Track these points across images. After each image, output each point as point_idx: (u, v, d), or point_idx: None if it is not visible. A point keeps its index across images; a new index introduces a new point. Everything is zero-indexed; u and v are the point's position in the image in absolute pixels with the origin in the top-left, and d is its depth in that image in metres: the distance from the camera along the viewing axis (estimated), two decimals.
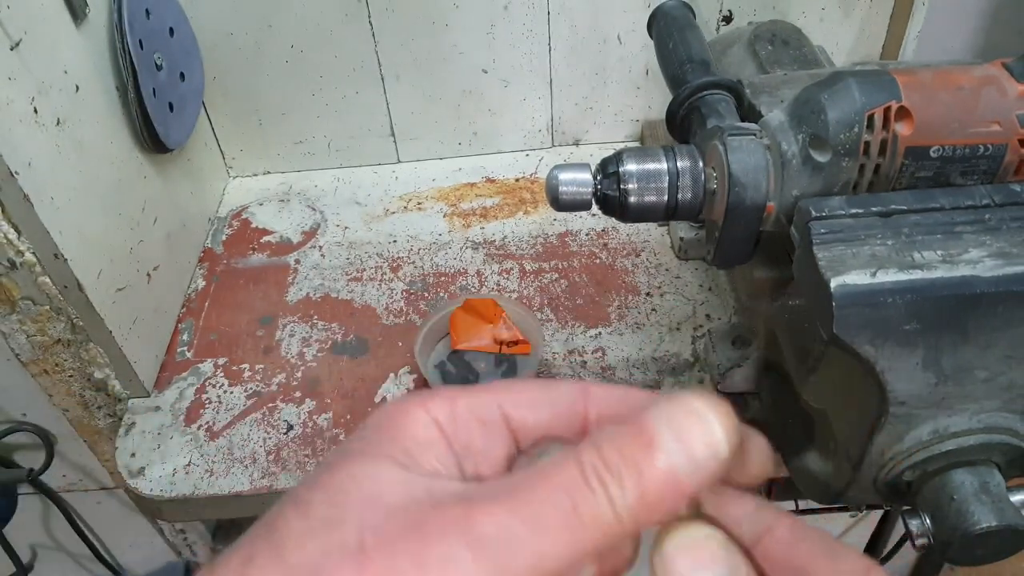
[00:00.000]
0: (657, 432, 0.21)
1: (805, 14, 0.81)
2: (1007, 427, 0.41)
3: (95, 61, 0.62)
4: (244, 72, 0.82)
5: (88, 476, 0.81)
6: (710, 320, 0.70)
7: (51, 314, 0.58)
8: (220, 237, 0.83)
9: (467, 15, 0.79)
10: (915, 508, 0.43)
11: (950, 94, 0.42)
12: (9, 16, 0.52)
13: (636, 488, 0.20)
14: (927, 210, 0.41)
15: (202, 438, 0.63)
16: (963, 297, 0.38)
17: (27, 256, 0.54)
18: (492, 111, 0.87)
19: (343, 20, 0.78)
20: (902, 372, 0.39)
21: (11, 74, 0.52)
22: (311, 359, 0.69)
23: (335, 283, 0.77)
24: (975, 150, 0.42)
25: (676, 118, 0.54)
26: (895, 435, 0.41)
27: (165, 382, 0.68)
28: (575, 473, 0.21)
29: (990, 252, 0.38)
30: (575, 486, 0.20)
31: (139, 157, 0.68)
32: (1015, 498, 0.41)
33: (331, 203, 0.86)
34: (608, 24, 0.81)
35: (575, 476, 0.21)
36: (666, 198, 0.47)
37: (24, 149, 0.52)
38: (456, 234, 0.81)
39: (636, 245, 0.77)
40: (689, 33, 0.58)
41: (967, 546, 0.40)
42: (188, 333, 0.72)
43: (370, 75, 0.83)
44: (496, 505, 0.20)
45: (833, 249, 0.40)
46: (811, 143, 0.43)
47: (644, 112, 0.88)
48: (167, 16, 0.72)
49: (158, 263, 0.70)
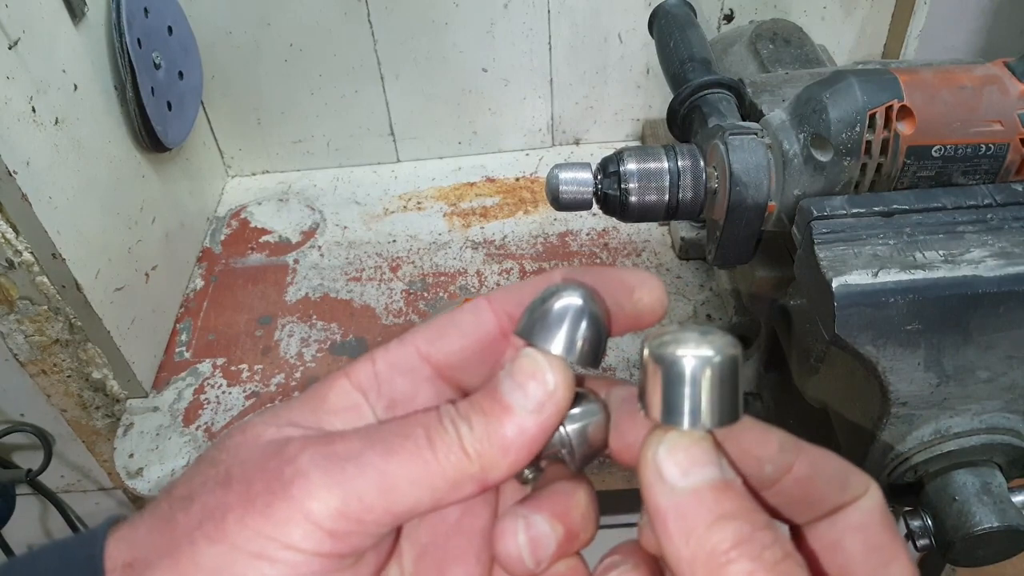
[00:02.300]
0: (501, 383, 0.23)
1: (807, 13, 0.81)
2: (1009, 428, 0.41)
3: (93, 60, 0.62)
4: (243, 71, 0.82)
5: (86, 477, 0.81)
6: (711, 320, 0.69)
7: (49, 314, 0.58)
8: (219, 237, 0.83)
9: (467, 14, 0.79)
10: (917, 509, 0.43)
11: (952, 93, 0.42)
12: (7, 15, 0.51)
13: (483, 426, 0.22)
14: (929, 210, 0.41)
15: (201, 438, 0.63)
16: (965, 297, 0.37)
17: (25, 256, 0.54)
18: (492, 110, 0.87)
19: (342, 19, 0.78)
20: (904, 372, 0.39)
21: (9, 73, 0.51)
22: (310, 359, 0.69)
23: (334, 283, 0.76)
24: (977, 149, 0.42)
25: (677, 117, 0.53)
26: (897, 435, 0.41)
27: (163, 382, 0.68)
28: (432, 415, 0.23)
29: (992, 252, 0.38)
30: (430, 422, 0.23)
31: (137, 156, 0.68)
32: (1017, 499, 0.41)
33: (330, 203, 0.86)
34: (609, 23, 0.81)
35: (432, 416, 0.23)
36: (667, 197, 0.47)
37: (22, 148, 0.52)
38: (456, 234, 0.81)
39: (637, 245, 0.77)
40: (690, 32, 0.58)
41: (969, 547, 0.40)
42: (186, 333, 0.72)
43: (369, 74, 0.83)
44: (355, 435, 0.23)
45: (835, 249, 0.39)
46: (813, 142, 0.43)
47: (645, 111, 0.88)
48: (165, 15, 0.72)
49: (156, 263, 0.70)
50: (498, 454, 0.22)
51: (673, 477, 0.20)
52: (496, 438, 0.22)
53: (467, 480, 0.22)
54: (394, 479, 0.22)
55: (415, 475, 0.22)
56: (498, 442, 0.22)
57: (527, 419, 0.22)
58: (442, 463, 0.22)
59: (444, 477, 0.22)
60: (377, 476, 0.21)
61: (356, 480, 0.21)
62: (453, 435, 0.22)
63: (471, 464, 0.22)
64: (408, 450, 0.22)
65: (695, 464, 0.20)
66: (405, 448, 0.22)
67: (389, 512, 0.22)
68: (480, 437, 0.22)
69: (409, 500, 0.22)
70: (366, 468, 0.21)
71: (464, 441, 0.22)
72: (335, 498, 0.21)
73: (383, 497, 0.21)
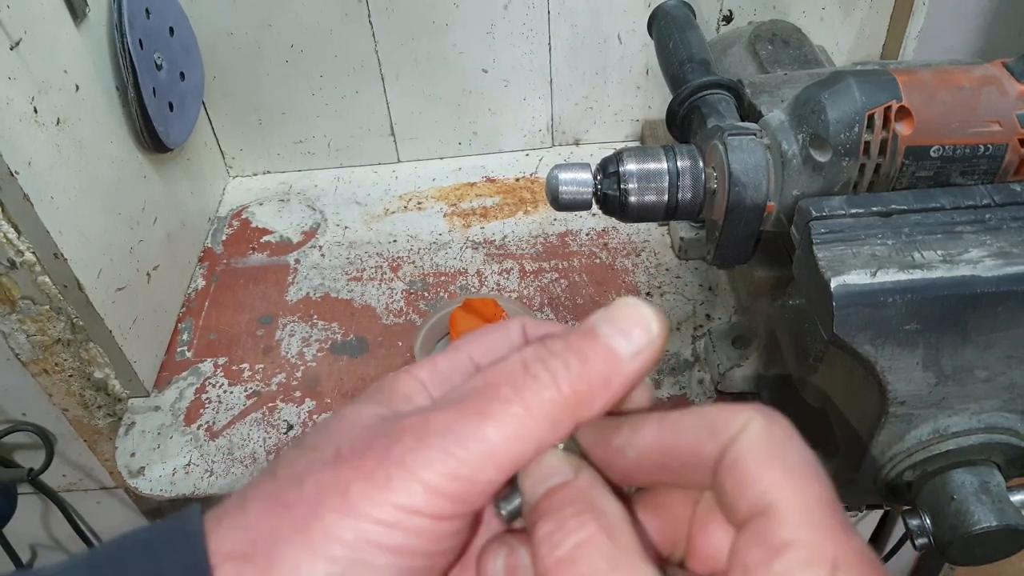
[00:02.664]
0: (596, 324, 0.24)
1: (805, 14, 0.81)
2: (1007, 427, 0.41)
3: (95, 61, 0.62)
4: (244, 71, 0.82)
5: (88, 476, 0.81)
6: (710, 320, 0.70)
7: (51, 314, 0.58)
8: (220, 237, 0.83)
9: (467, 15, 0.79)
10: (915, 508, 0.43)
11: (950, 94, 0.42)
12: (9, 15, 0.51)
13: (579, 365, 0.23)
14: (927, 210, 0.41)
15: (202, 438, 0.63)
16: (963, 297, 0.38)
17: (27, 256, 0.54)
18: (492, 111, 0.87)
19: (343, 20, 0.78)
20: (902, 372, 0.39)
21: (11, 74, 0.52)
22: (311, 359, 0.69)
23: (335, 283, 0.77)
24: (975, 150, 0.42)
25: (676, 118, 0.54)
26: (895, 435, 0.41)
27: (165, 382, 0.68)
28: (517, 367, 0.24)
29: (990, 252, 0.38)
30: (515, 377, 0.23)
31: (139, 157, 0.68)
32: (1015, 498, 0.41)
33: (331, 203, 0.86)
34: (608, 24, 0.81)
35: (516, 368, 0.24)
36: (666, 198, 0.47)
37: (24, 148, 0.52)
38: (456, 234, 0.81)
39: (636, 245, 0.77)
40: (689, 33, 0.58)
41: (967, 546, 0.40)
42: (188, 333, 0.72)
43: (370, 74, 0.83)
44: (448, 406, 0.24)
45: (833, 249, 0.40)
46: (811, 143, 0.43)
47: (644, 112, 0.88)
48: (167, 15, 0.72)
49: (158, 263, 0.70)
50: (598, 391, 0.23)
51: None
52: (596, 377, 0.23)
53: (566, 418, 0.23)
54: (494, 443, 0.23)
55: (512, 432, 0.23)
56: (599, 381, 0.23)
57: (628, 364, 0.23)
58: (535, 413, 0.23)
59: (541, 424, 0.23)
60: (477, 443, 0.22)
61: (460, 452, 0.22)
62: (546, 379, 0.23)
63: (568, 403, 0.23)
64: (499, 411, 0.23)
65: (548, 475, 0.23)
66: (495, 410, 0.23)
67: (498, 469, 0.23)
68: (578, 376, 0.23)
69: (513, 455, 0.23)
70: (467, 440, 0.22)
71: (560, 381, 0.23)
72: (447, 467, 0.22)
73: (488, 459, 0.23)
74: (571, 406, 0.23)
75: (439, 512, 0.22)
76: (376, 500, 0.22)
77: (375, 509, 0.22)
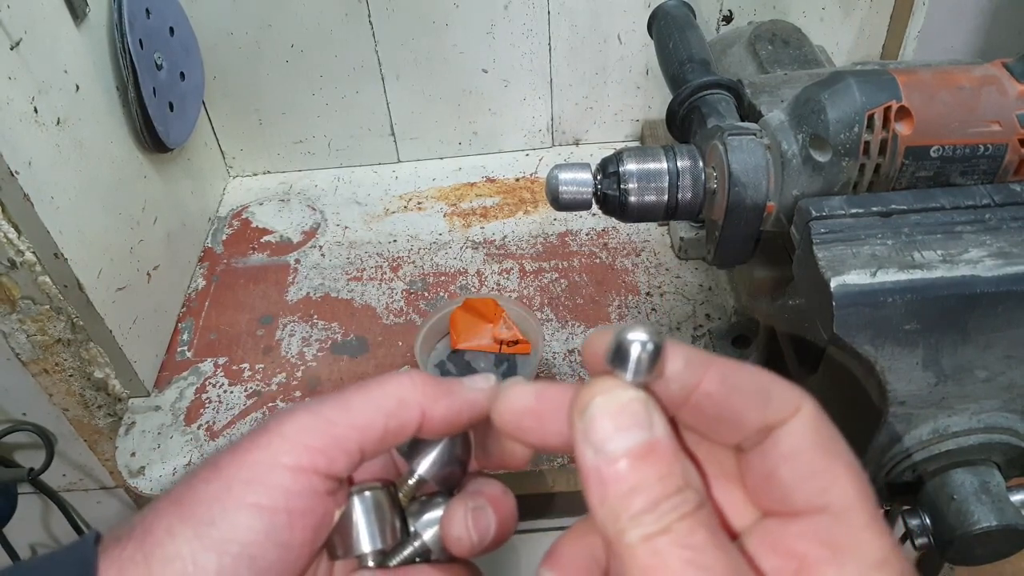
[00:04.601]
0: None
1: (805, 14, 0.81)
2: (1007, 427, 0.41)
3: (95, 61, 0.62)
4: (244, 71, 0.82)
5: (88, 476, 0.81)
6: (710, 320, 0.70)
7: (51, 313, 0.58)
8: (220, 237, 0.83)
9: (467, 15, 0.79)
10: (915, 508, 0.43)
11: (950, 94, 0.42)
12: (9, 15, 0.51)
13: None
14: (927, 210, 0.41)
15: (202, 438, 0.63)
16: (963, 297, 0.38)
17: (27, 255, 0.54)
18: (492, 111, 0.87)
19: (343, 20, 0.78)
20: (902, 372, 0.39)
21: (11, 73, 0.52)
22: (311, 359, 0.69)
23: (335, 283, 0.77)
24: (975, 150, 0.42)
25: (676, 118, 0.54)
26: (895, 435, 0.41)
27: (165, 382, 0.68)
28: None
29: (990, 252, 0.38)
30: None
31: (139, 157, 0.68)
32: (1015, 498, 0.41)
33: (331, 203, 0.86)
34: (608, 24, 0.81)
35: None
36: (666, 198, 0.47)
37: (24, 148, 0.52)
38: (456, 234, 0.81)
39: (636, 245, 0.77)
40: (689, 33, 0.58)
41: (967, 546, 0.40)
42: (188, 333, 0.72)
43: (370, 75, 0.83)
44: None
45: (833, 249, 0.40)
46: (811, 143, 0.43)
47: (644, 112, 0.88)
48: (167, 15, 0.72)
49: (158, 263, 0.70)
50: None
51: (598, 441, 0.21)
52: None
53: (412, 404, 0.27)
54: (354, 408, 0.26)
55: (371, 399, 0.26)
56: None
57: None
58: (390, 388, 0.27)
59: (391, 400, 0.26)
60: (342, 403, 0.26)
61: (323, 407, 0.26)
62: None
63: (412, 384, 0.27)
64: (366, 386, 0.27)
65: (620, 430, 0.21)
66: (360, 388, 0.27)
67: (352, 427, 0.26)
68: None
69: (366, 419, 0.26)
70: (336, 399, 0.26)
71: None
72: (307, 417, 0.25)
73: (345, 414, 0.26)
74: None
75: (297, 463, 0.25)
76: (238, 462, 0.25)
77: (238, 469, 0.25)
